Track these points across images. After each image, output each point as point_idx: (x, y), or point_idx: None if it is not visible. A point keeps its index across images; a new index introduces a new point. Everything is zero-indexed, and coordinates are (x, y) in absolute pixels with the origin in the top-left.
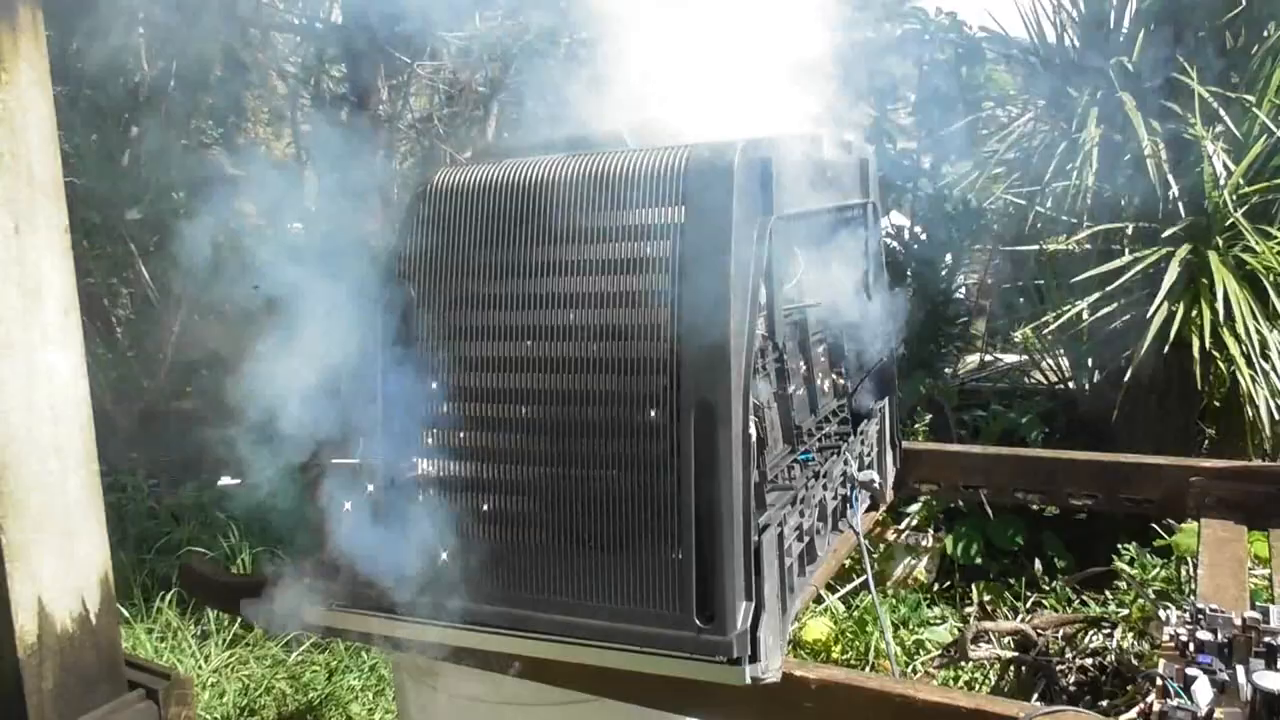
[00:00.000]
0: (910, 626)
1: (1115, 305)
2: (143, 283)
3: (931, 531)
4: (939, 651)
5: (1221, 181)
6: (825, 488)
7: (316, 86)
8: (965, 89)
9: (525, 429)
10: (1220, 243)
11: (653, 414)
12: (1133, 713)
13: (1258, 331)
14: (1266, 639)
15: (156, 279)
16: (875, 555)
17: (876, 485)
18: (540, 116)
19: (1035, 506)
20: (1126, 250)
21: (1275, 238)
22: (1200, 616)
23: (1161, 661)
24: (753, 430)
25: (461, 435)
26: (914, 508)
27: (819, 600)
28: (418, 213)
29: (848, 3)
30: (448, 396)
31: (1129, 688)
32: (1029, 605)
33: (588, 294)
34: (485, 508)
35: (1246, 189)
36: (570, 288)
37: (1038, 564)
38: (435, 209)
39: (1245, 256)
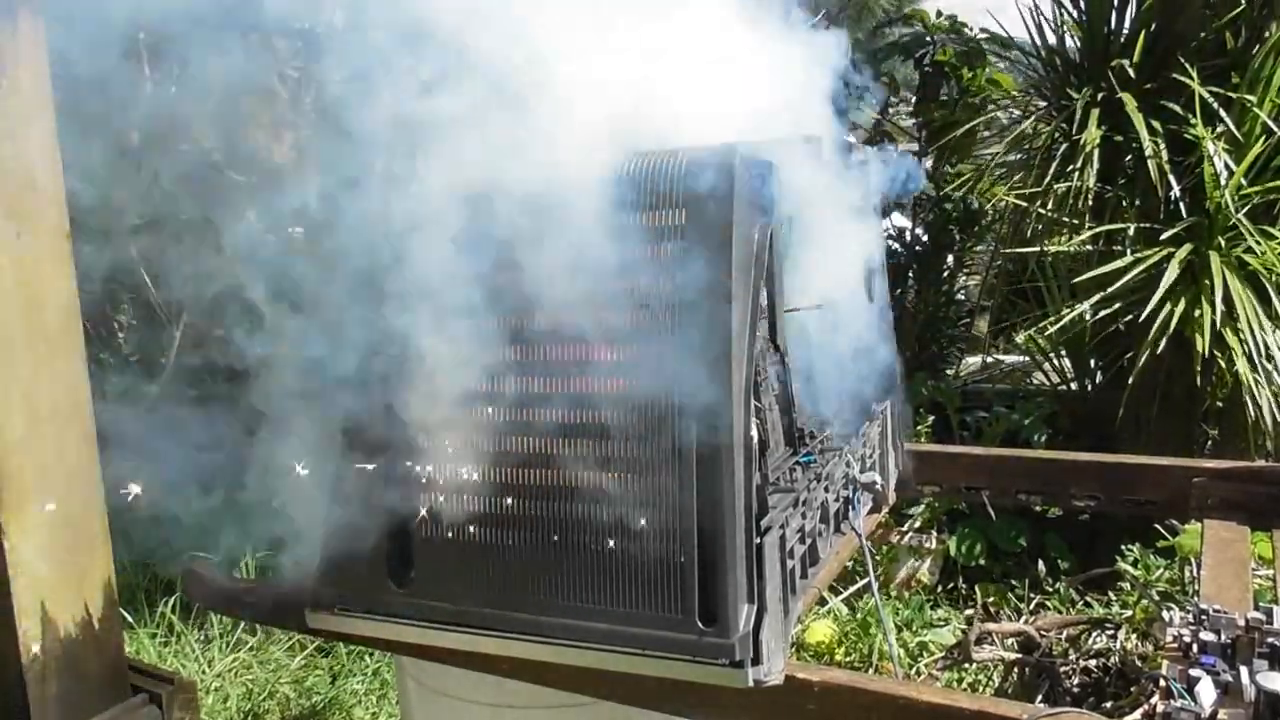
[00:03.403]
0: (913, 628)
1: (1117, 306)
2: (144, 288)
3: (934, 533)
4: (942, 653)
5: (1223, 182)
6: (827, 490)
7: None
8: (966, 90)
9: (525, 432)
10: (1222, 243)
11: (654, 416)
12: (1136, 714)
13: (1260, 332)
14: (1270, 640)
15: (158, 284)
16: (878, 557)
17: (879, 487)
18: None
19: (1038, 508)
20: (1128, 251)
21: (1277, 238)
22: (1204, 617)
23: (1165, 663)
24: (754, 432)
25: (461, 439)
26: (917, 509)
27: (822, 602)
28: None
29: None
30: (447, 400)
31: (1133, 689)
32: (1032, 607)
33: (588, 296)
34: (486, 511)
35: (1248, 189)
36: (570, 290)
37: (1041, 565)
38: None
39: (1247, 257)
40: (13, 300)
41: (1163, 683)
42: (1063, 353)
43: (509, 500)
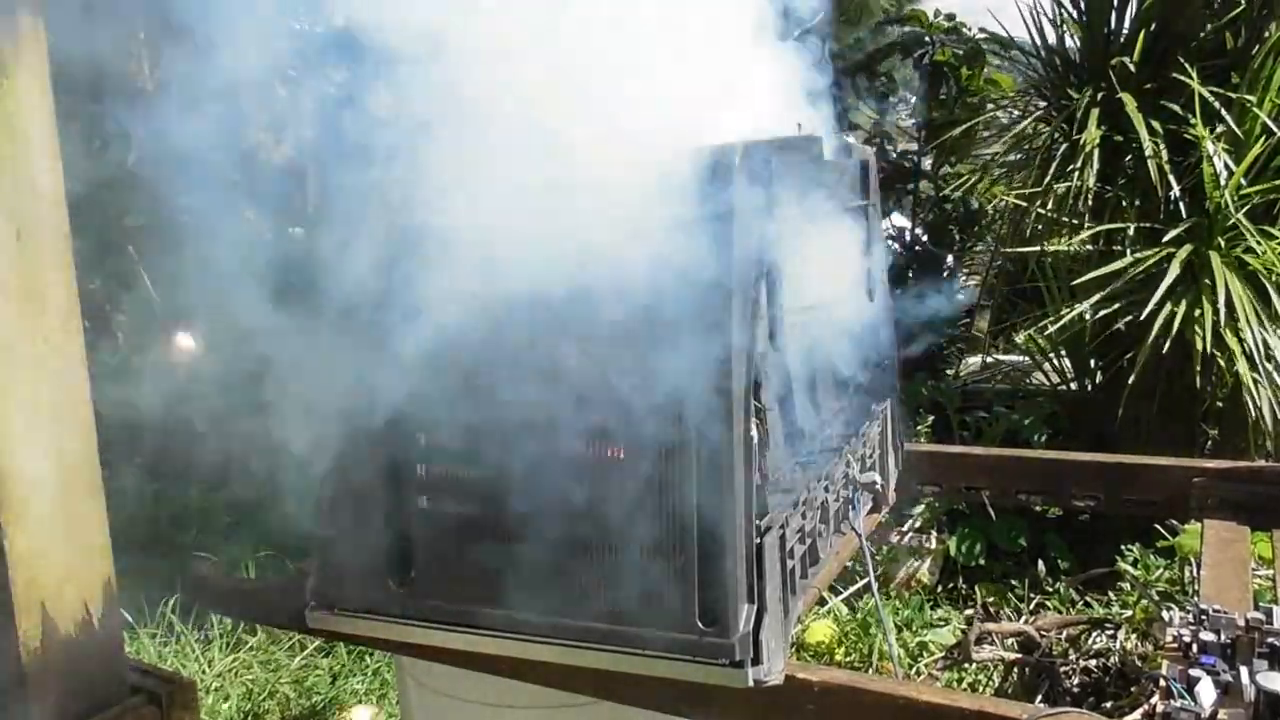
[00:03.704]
0: (913, 628)
1: (1117, 306)
2: (144, 288)
3: (934, 533)
4: (942, 653)
5: (1223, 182)
6: (827, 490)
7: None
8: (966, 90)
9: (525, 431)
10: (1222, 243)
11: (654, 416)
12: (1136, 714)
13: (1260, 332)
14: (1270, 640)
15: (158, 284)
16: (878, 557)
17: (878, 487)
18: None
19: (1038, 508)
20: (1128, 251)
21: (1277, 238)
22: (1203, 617)
23: (1165, 662)
24: (754, 432)
25: (463, 439)
26: (917, 509)
27: (822, 602)
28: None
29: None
30: (449, 400)
31: (1133, 689)
32: (1032, 607)
33: (587, 296)
34: (486, 511)
35: (1248, 189)
36: (568, 289)
37: (1041, 565)
38: None
39: (1247, 257)
40: (13, 300)
41: (1163, 683)
42: (1063, 353)
43: (509, 500)
